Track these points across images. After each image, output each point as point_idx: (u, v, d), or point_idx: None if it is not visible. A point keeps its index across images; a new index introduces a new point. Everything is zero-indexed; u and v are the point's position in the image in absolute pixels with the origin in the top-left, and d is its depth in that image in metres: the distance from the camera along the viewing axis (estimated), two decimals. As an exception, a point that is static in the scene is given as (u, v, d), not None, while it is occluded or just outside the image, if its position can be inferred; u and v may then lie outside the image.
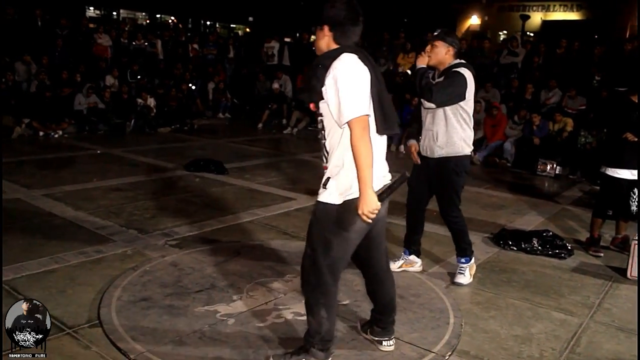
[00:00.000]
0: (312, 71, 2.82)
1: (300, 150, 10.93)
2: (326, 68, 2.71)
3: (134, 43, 14.74)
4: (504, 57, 13.21)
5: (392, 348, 3.36)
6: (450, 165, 4.25)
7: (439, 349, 3.40)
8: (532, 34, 24.71)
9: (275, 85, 14.20)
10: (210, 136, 12.10)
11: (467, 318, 3.86)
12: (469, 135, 4.24)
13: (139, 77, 13.61)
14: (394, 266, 4.63)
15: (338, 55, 2.72)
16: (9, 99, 11.13)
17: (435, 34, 4.24)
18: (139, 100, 12.35)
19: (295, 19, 26.05)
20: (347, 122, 2.64)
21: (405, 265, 4.68)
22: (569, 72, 11.87)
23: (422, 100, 4.14)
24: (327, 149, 2.83)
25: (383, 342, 3.36)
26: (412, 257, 4.71)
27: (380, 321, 3.35)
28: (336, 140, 2.78)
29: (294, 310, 3.76)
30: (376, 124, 2.80)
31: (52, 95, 11.44)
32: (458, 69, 4.10)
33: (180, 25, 23.13)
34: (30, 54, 12.43)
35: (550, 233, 5.51)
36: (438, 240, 5.50)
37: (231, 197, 6.83)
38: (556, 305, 4.18)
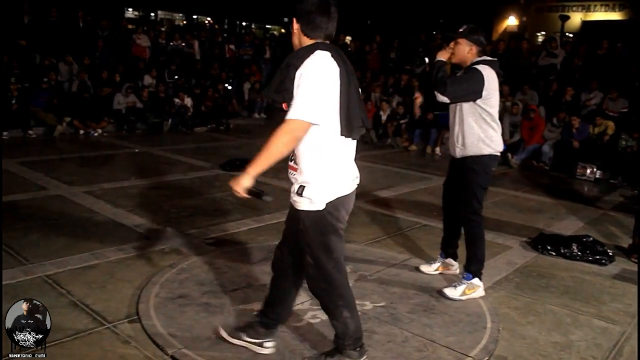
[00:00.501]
0: (283, 72, 2.69)
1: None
2: (297, 68, 2.63)
3: (171, 43, 14.96)
4: (542, 58, 12.97)
5: (273, 350, 3.22)
6: (467, 163, 4.13)
7: (476, 353, 3.36)
8: (571, 35, 24.23)
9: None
10: (245, 136, 12.19)
11: (504, 323, 3.81)
12: (490, 135, 4.07)
13: (176, 77, 13.80)
14: (430, 269, 4.60)
15: (309, 55, 2.64)
16: (52, 98, 11.41)
17: (460, 30, 4.11)
18: (176, 100, 12.52)
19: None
20: (288, 117, 2.59)
21: (442, 268, 4.61)
22: (610, 73, 11.59)
23: (435, 93, 4.00)
24: (296, 151, 2.77)
25: (265, 343, 3.22)
26: (449, 260, 4.62)
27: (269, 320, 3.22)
28: (306, 142, 2.71)
29: (330, 311, 3.75)
30: (340, 127, 2.72)
31: (92, 94, 11.70)
32: (476, 66, 4.01)
33: (217, 26, 23.36)
34: (72, 54, 12.72)
35: (591, 238, 5.39)
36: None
37: (267, 196, 6.85)
38: (597, 312, 4.08)
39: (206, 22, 30.74)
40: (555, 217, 6.75)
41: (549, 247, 5.32)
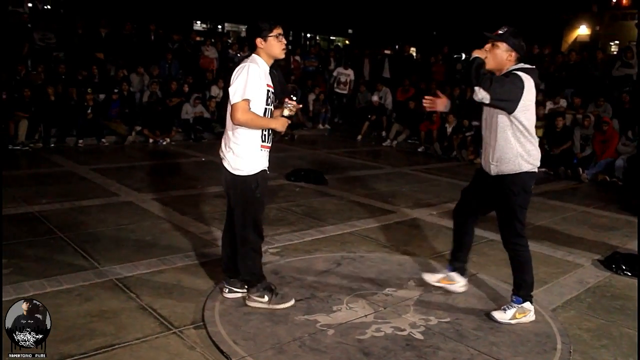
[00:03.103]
0: (277, 77, 3.50)
1: (400, 162, 10.85)
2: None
3: (239, 55, 15.24)
4: (617, 69, 12.49)
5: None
6: (506, 183, 3.81)
7: (547, 375, 3.23)
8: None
9: (375, 98, 14.19)
10: (310, 147, 12.27)
11: (576, 345, 3.65)
12: (529, 149, 3.76)
13: (242, 88, 14.02)
14: (432, 278, 4.31)
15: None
16: (123, 109, 11.84)
17: (501, 32, 3.75)
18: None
19: (395, 31, 26.00)
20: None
21: (444, 281, 4.26)
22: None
23: (475, 89, 3.58)
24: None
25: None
26: (454, 275, 4.27)
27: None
28: None
29: (394, 325, 3.70)
30: None
31: (161, 105, 12.06)
32: (517, 72, 3.67)
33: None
34: (143, 66, 13.16)
35: (671, 259, 5.11)
36: (543, 260, 5.27)
37: (331, 207, 6.87)
38: (678, 337, 3.86)
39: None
40: (630, 235, 6.44)
41: (624, 267, 5.07)
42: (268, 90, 3.71)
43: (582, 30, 26.70)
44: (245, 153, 3.71)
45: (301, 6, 26.84)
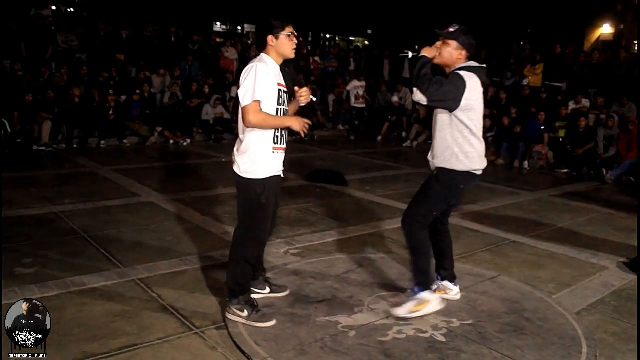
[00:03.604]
0: (290, 75, 3.60)
1: (421, 164, 10.70)
2: None
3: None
4: (641, 68, 12.30)
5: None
6: (437, 173, 3.80)
7: (572, 379, 3.18)
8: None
9: (395, 99, 14.15)
10: (330, 147, 12.27)
11: (601, 349, 3.58)
12: (467, 150, 3.68)
13: (262, 88, 14.05)
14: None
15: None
16: (144, 110, 11.94)
17: (452, 30, 3.70)
18: (262, 111, 12.74)
19: (415, 32, 25.86)
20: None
21: (440, 292, 4.08)
22: None
23: (414, 90, 3.63)
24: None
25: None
26: (445, 284, 4.16)
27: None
28: None
29: (416, 327, 3.67)
30: None
31: (181, 106, 12.13)
32: (460, 72, 3.63)
33: (301, 39, 23.70)
34: (164, 67, 13.25)
35: (698, 262, 5.01)
36: (567, 263, 5.21)
37: (352, 208, 6.85)
38: None
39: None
40: (657, 238, 6.33)
41: (650, 270, 4.99)
42: (280, 90, 3.56)
43: (605, 29, 26.28)
44: (254, 156, 3.53)
45: (320, 7, 26.83)
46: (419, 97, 3.62)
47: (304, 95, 3.70)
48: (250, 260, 3.69)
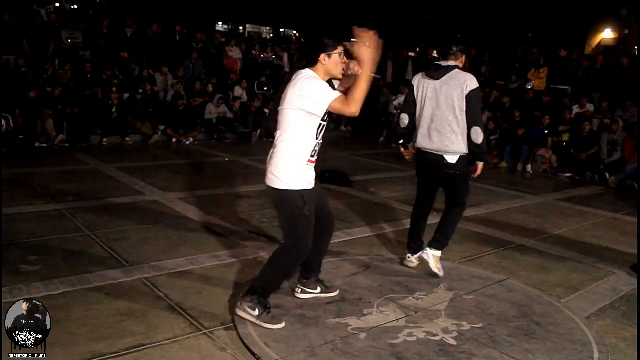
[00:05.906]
0: None
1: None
2: None
3: (262, 56, 15.26)
4: (645, 73, 12.26)
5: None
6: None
7: (585, 385, 3.16)
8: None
9: (396, 103, 14.09)
10: (332, 148, 12.21)
11: (613, 355, 3.56)
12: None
13: (265, 88, 14.05)
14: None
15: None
16: (147, 108, 11.89)
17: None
18: (266, 111, 12.73)
19: (419, 33, 25.88)
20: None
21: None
22: None
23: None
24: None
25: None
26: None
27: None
28: None
29: (426, 330, 3.65)
30: None
31: (185, 104, 12.09)
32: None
33: (304, 40, 23.67)
34: (167, 65, 13.21)
35: None
36: (574, 267, 5.19)
37: (357, 209, 6.81)
38: None
39: (293, 35, 31.32)
40: (663, 243, 6.31)
41: (658, 275, 4.96)
42: None
43: (607, 34, 26.27)
44: (291, 168, 3.47)
45: (322, 8, 26.83)
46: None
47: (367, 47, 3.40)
48: (288, 270, 3.71)
